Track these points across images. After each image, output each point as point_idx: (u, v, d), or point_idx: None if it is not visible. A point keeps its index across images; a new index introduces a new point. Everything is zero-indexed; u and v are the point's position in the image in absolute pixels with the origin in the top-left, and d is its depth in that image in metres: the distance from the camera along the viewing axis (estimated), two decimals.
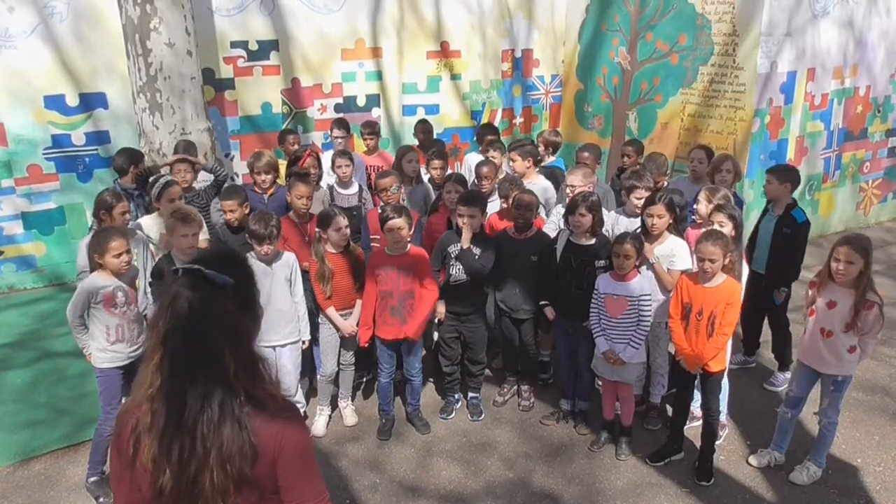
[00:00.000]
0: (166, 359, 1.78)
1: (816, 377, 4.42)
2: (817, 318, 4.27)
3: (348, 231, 4.81)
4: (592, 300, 4.71)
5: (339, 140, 7.04)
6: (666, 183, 6.04)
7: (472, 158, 6.89)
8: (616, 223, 5.36)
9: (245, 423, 1.79)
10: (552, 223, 5.47)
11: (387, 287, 4.78)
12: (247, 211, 5.14)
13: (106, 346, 4.24)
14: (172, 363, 1.78)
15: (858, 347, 4.23)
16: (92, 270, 4.26)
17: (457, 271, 5.00)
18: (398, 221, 4.64)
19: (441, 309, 5.11)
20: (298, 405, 4.60)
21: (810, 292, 4.35)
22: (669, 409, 5.03)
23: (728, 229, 4.49)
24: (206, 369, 1.78)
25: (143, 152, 6.13)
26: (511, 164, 6.08)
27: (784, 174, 5.45)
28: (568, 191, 5.38)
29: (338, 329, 4.93)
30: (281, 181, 6.27)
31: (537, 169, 6.23)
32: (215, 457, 1.77)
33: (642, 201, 5.11)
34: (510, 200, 5.23)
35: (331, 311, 4.89)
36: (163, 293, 1.83)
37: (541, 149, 6.68)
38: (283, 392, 1.95)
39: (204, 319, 1.77)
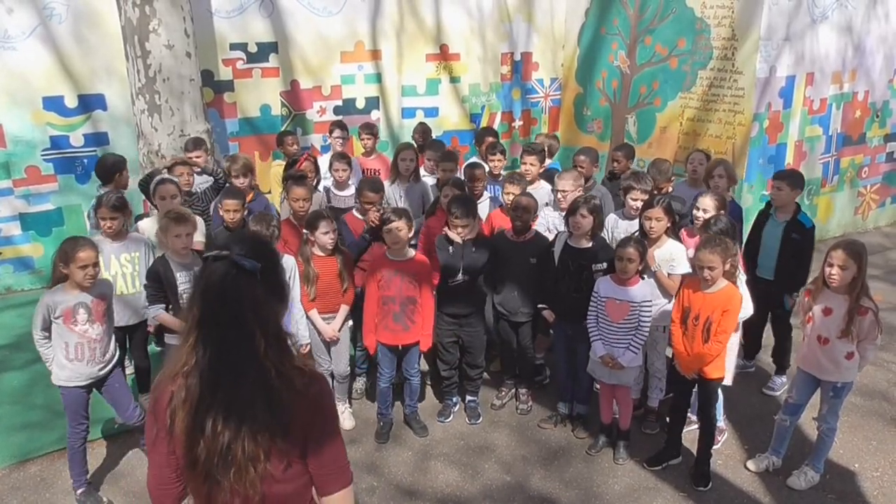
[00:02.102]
0: (201, 340, 1.90)
1: (816, 384, 4.41)
2: (814, 326, 4.27)
3: (335, 235, 4.79)
4: (591, 302, 4.70)
5: (339, 141, 7.04)
6: (670, 189, 6.04)
7: None
8: (615, 226, 5.36)
9: (276, 397, 1.91)
10: (541, 225, 5.47)
11: (389, 292, 4.77)
12: (245, 213, 5.15)
13: (65, 362, 4.09)
14: (206, 343, 1.90)
15: (857, 354, 4.21)
16: (55, 280, 4.07)
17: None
18: (398, 224, 4.65)
19: None
20: None
21: (806, 299, 4.35)
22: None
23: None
24: (239, 349, 1.89)
25: (124, 158, 6.08)
26: (527, 167, 6.04)
27: (796, 180, 5.35)
28: (559, 196, 5.38)
29: (319, 332, 4.93)
30: (278, 184, 6.28)
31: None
32: (247, 429, 1.89)
33: (638, 202, 5.11)
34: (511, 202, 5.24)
35: (312, 313, 4.87)
36: (196, 279, 1.97)
37: None
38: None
39: (235, 303, 1.88)
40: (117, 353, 4.39)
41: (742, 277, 4.66)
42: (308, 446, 1.99)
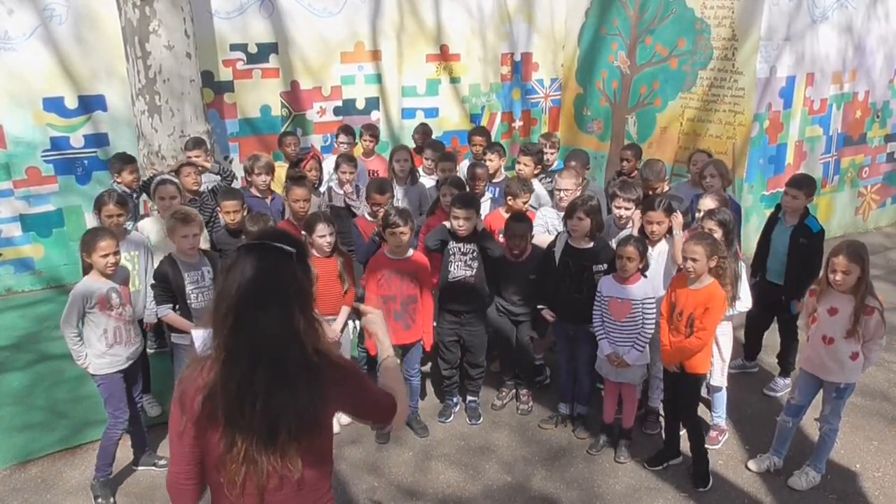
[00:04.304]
0: (239, 323, 1.94)
1: (819, 385, 4.41)
2: (819, 325, 4.26)
3: (332, 238, 4.77)
4: (595, 302, 4.71)
5: (345, 146, 7.03)
6: (666, 188, 6.03)
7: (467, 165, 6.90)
8: (608, 232, 5.30)
9: (316, 371, 2.00)
10: (539, 225, 5.46)
11: (390, 291, 4.78)
12: (245, 213, 5.15)
13: (104, 350, 4.18)
14: (246, 326, 1.94)
15: (862, 355, 4.20)
16: (84, 271, 4.22)
17: (455, 268, 4.99)
18: (403, 228, 4.66)
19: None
20: None
21: (810, 300, 4.34)
22: None
23: (718, 235, 4.50)
24: (281, 327, 1.95)
25: (129, 158, 6.16)
26: (520, 167, 6.05)
27: (810, 189, 5.29)
28: (562, 195, 5.38)
29: None
30: (279, 184, 6.28)
31: (544, 174, 6.30)
32: (293, 404, 1.96)
33: (622, 211, 5.07)
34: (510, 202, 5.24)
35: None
36: (229, 267, 2.01)
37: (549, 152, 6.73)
38: None
39: (276, 282, 1.96)
40: (142, 333, 4.57)
41: (743, 268, 4.67)
42: (354, 408, 2.18)
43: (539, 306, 5.03)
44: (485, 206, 5.81)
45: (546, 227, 5.47)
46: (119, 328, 4.22)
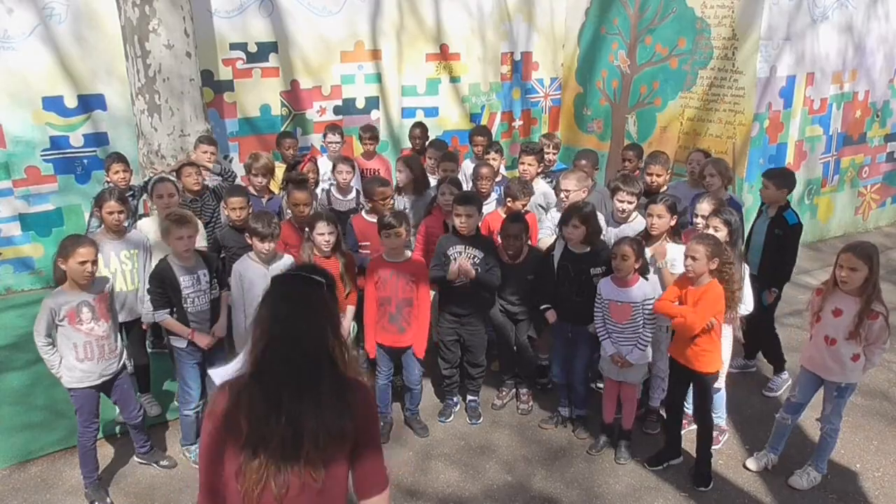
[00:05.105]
0: (272, 344, 2.08)
1: (819, 384, 4.41)
2: (822, 326, 4.25)
3: (332, 237, 4.77)
4: (596, 305, 4.71)
5: (334, 145, 7.01)
6: (665, 186, 6.02)
7: (469, 165, 6.87)
8: (605, 232, 5.31)
9: (345, 386, 2.13)
10: (548, 228, 5.45)
11: (385, 293, 4.77)
12: (250, 210, 5.15)
13: (75, 363, 4.08)
14: (279, 347, 2.08)
15: (864, 356, 4.20)
16: (56, 279, 4.09)
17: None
18: (398, 230, 4.65)
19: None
20: None
21: (816, 299, 4.33)
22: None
23: (723, 234, 4.49)
24: (317, 345, 2.10)
25: (123, 156, 6.17)
26: (525, 167, 6.03)
27: (782, 180, 5.43)
28: (563, 195, 5.37)
29: None
30: (277, 184, 6.28)
31: (544, 174, 6.28)
32: (321, 414, 2.06)
33: (624, 205, 5.08)
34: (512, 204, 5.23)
35: None
36: (270, 292, 2.19)
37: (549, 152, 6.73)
38: None
39: (308, 307, 2.13)
40: (123, 348, 4.43)
41: (747, 270, 4.67)
42: (356, 449, 2.17)
43: (543, 306, 5.01)
44: (491, 206, 5.79)
45: (553, 231, 5.44)
46: (90, 343, 4.08)
